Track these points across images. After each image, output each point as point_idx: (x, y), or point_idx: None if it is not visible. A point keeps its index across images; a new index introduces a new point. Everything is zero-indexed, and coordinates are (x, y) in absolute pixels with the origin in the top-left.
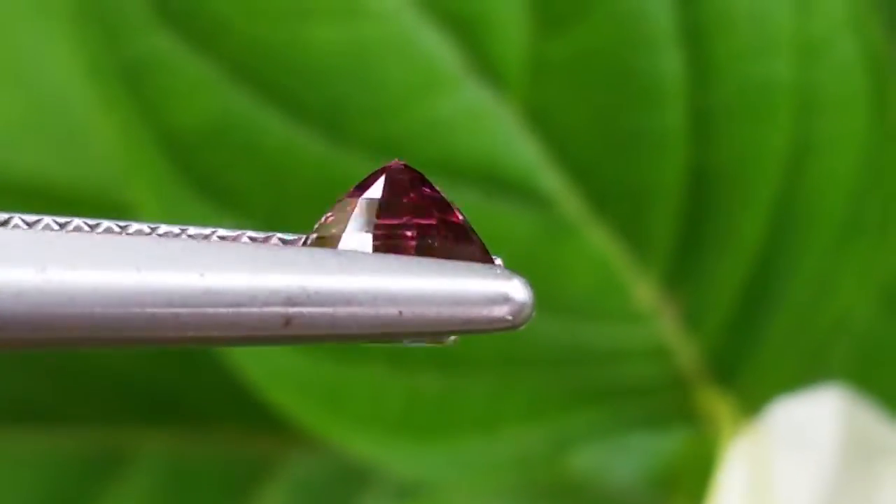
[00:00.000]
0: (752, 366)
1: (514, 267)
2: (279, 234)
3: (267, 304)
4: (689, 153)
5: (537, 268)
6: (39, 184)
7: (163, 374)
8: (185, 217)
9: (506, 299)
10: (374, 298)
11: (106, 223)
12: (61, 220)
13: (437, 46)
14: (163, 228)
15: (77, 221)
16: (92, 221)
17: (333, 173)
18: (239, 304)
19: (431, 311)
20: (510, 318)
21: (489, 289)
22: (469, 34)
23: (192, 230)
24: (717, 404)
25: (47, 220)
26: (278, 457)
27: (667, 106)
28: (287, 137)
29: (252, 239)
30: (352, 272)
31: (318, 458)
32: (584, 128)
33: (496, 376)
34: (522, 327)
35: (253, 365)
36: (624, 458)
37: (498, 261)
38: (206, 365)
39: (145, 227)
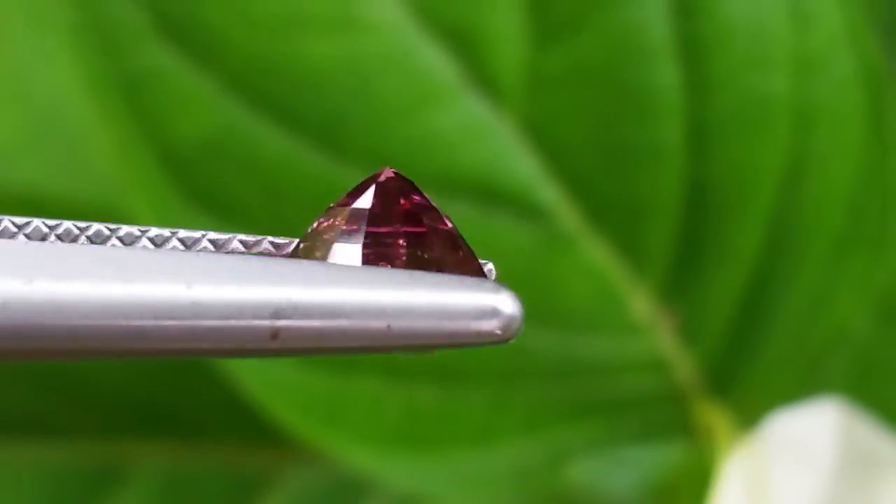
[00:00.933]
0: (749, 378)
1: (512, 280)
2: (270, 238)
3: (255, 317)
4: (686, 166)
5: (534, 280)
6: (37, 197)
7: (161, 387)
8: None
9: (494, 312)
10: (363, 312)
11: (96, 226)
12: (51, 222)
13: (434, 59)
14: (153, 231)
15: (67, 224)
16: (82, 224)
17: (331, 186)
18: (226, 317)
19: (420, 325)
20: (499, 331)
21: (478, 302)
22: (466, 47)
23: (182, 233)
24: (714, 417)
25: (37, 222)
26: (276, 469)
27: (664, 119)
28: (285, 150)
29: (242, 243)
30: (340, 285)
31: (316, 471)
32: (582, 141)
33: (493, 389)
34: (511, 341)
35: (250, 378)
36: (621, 470)
37: (489, 266)
38: (203, 378)
39: (135, 230)
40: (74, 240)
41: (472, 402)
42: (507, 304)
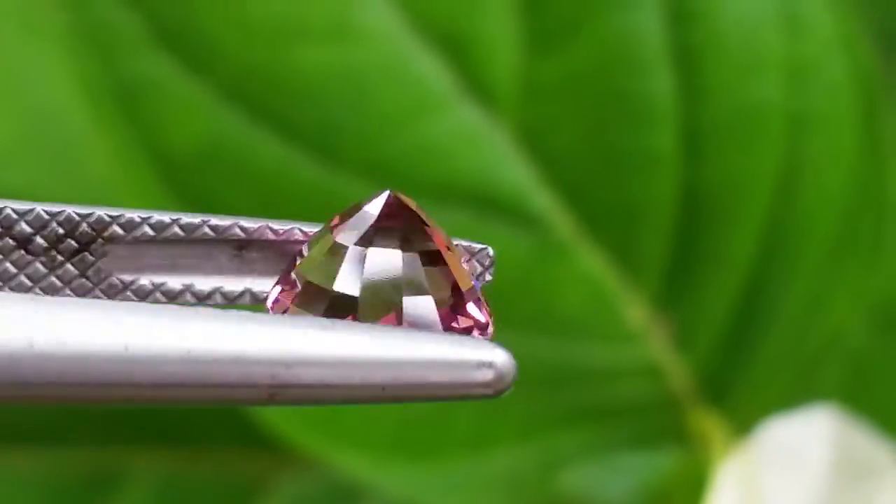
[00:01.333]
0: (743, 385)
1: (507, 287)
2: (269, 224)
3: (252, 379)
4: (680, 173)
5: (529, 288)
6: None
7: None
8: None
9: (489, 366)
10: (359, 372)
11: (98, 212)
12: (53, 209)
13: (429, 68)
14: (155, 217)
15: (68, 211)
16: (83, 211)
17: (327, 195)
18: (225, 380)
19: (415, 380)
20: (491, 391)
21: (473, 356)
22: (461, 56)
23: (184, 219)
24: (708, 424)
25: (39, 209)
26: (272, 476)
27: (658, 126)
28: (280, 159)
29: (242, 229)
30: (338, 346)
31: (311, 478)
32: (576, 148)
33: None
34: (503, 395)
35: None
36: (615, 477)
37: (488, 250)
38: None
39: (136, 217)
40: (76, 227)
41: (466, 409)
42: (501, 358)
